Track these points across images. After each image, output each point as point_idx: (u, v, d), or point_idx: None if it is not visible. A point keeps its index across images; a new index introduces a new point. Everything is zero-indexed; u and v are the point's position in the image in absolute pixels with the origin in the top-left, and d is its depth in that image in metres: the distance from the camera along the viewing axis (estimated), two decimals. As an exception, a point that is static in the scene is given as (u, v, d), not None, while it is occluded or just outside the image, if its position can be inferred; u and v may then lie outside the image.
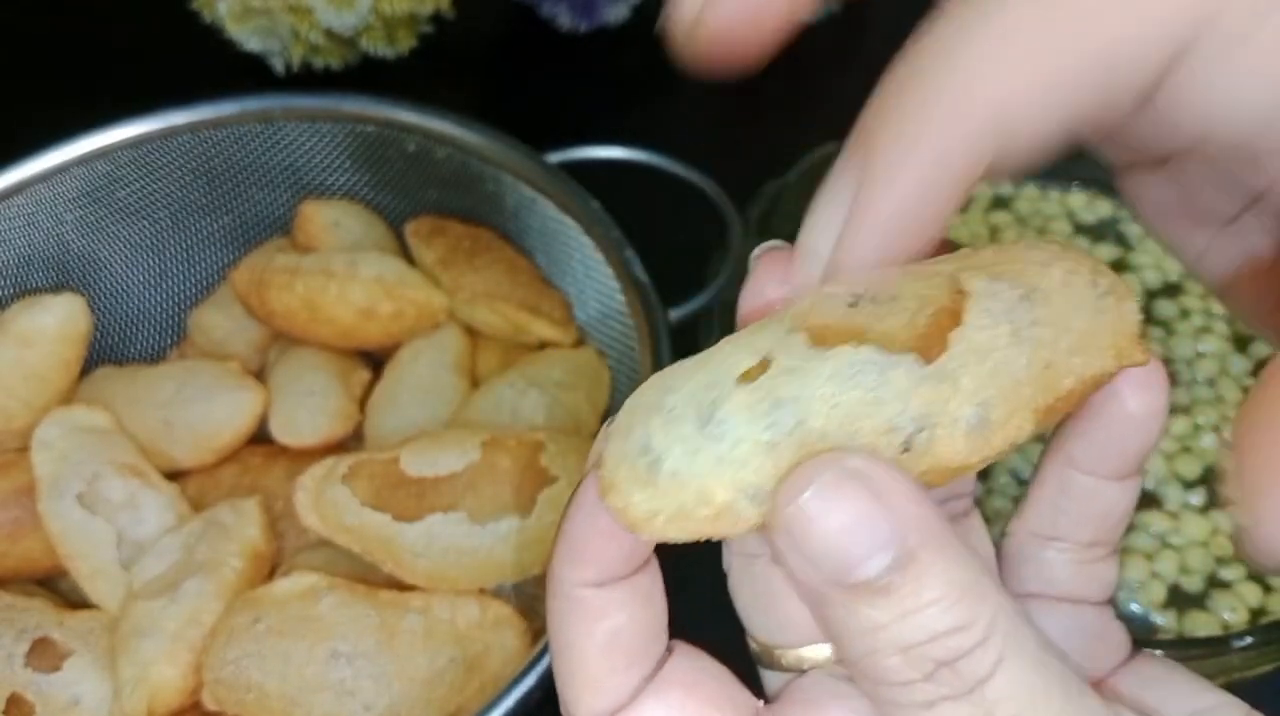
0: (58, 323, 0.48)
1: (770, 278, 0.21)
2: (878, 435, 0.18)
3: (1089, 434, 0.22)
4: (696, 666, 0.22)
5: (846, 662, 0.19)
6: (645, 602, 0.21)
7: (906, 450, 0.18)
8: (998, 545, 0.25)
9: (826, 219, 0.18)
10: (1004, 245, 0.20)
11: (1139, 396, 0.21)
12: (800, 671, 0.22)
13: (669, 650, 0.22)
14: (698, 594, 0.24)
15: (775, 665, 0.23)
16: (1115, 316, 0.19)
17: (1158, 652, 0.37)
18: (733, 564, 0.23)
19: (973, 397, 0.18)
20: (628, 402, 0.20)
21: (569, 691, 0.21)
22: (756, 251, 0.22)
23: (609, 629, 0.20)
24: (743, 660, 0.23)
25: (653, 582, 0.21)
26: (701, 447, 0.18)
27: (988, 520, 0.47)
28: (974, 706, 0.17)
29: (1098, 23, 0.16)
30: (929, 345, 0.18)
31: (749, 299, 0.22)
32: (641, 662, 0.21)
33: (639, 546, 0.20)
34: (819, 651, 0.22)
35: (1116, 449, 0.22)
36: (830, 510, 0.17)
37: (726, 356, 0.19)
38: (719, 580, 0.24)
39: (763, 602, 0.23)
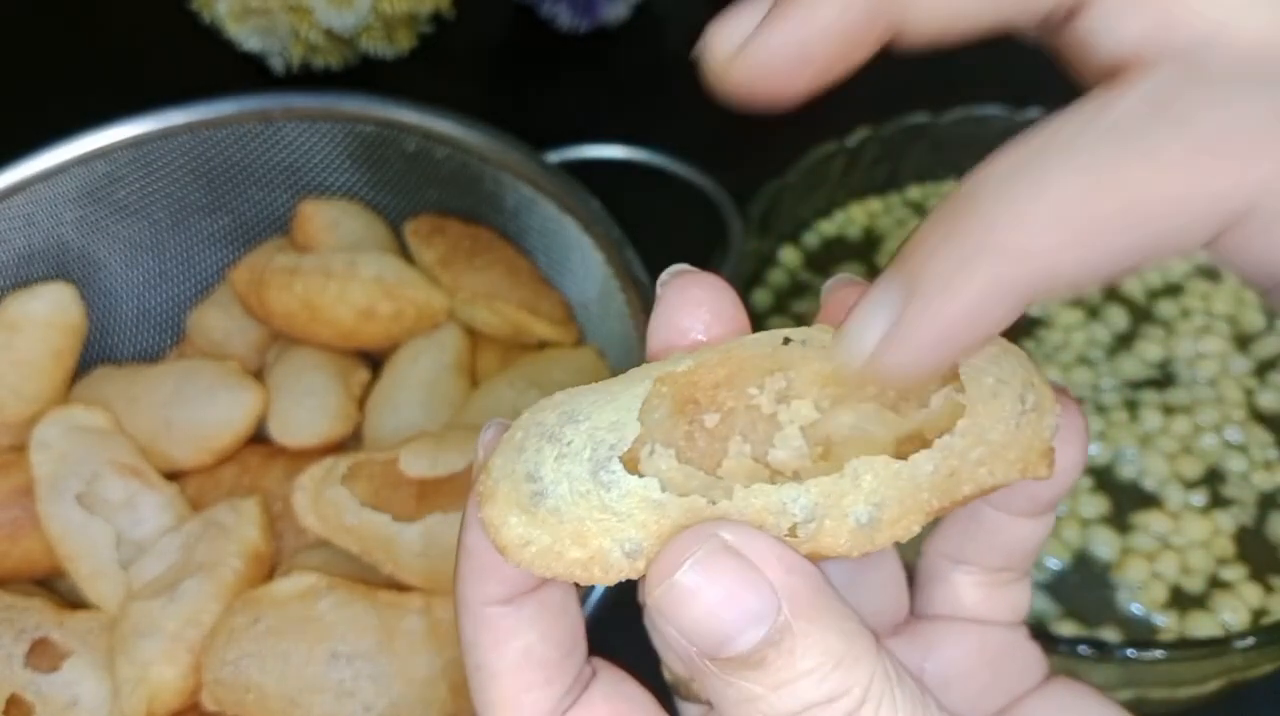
0: (47, 309, 0.48)
1: (681, 304, 0.20)
2: (768, 513, 0.18)
3: None
4: (620, 690, 0.21)
5: None
6: (557, 616, 0.20)
7: (791, 534, 0.18)
8: (911, 566, 0.25)
9: (873, 319, 0.18)
10: None
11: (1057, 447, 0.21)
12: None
13: (592, 670, 0.21)
14: (615, 623, 0.24)
15: (691, 697, 0.23)
16: (1032, 432, 0.19)
17: (1158, 653, 0.37)
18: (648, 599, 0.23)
19: (870, 497, 0.18)
20: (526, 415, 0.19)
21: (486, 713, 0.21)
22: (664, 276, 0.21)
23: (520, 648, 0.20)
24: (657, 685, 0.23)
25: (564, 595, 0.21)
26: (589, 492, 0.18)
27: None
28: None
29: (1145, 195, 0.16)
30: None
31: (657, 332, 0.21)
32: (559, 678, 0.21)
33: None
34: None
35: (1027, 492, 0.22)
36: (703, 587, 0.17)
37: (636, 396, 0.19)
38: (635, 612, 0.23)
39: None
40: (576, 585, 0.19)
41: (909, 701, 0.18)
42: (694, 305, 0.20)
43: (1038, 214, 0.16)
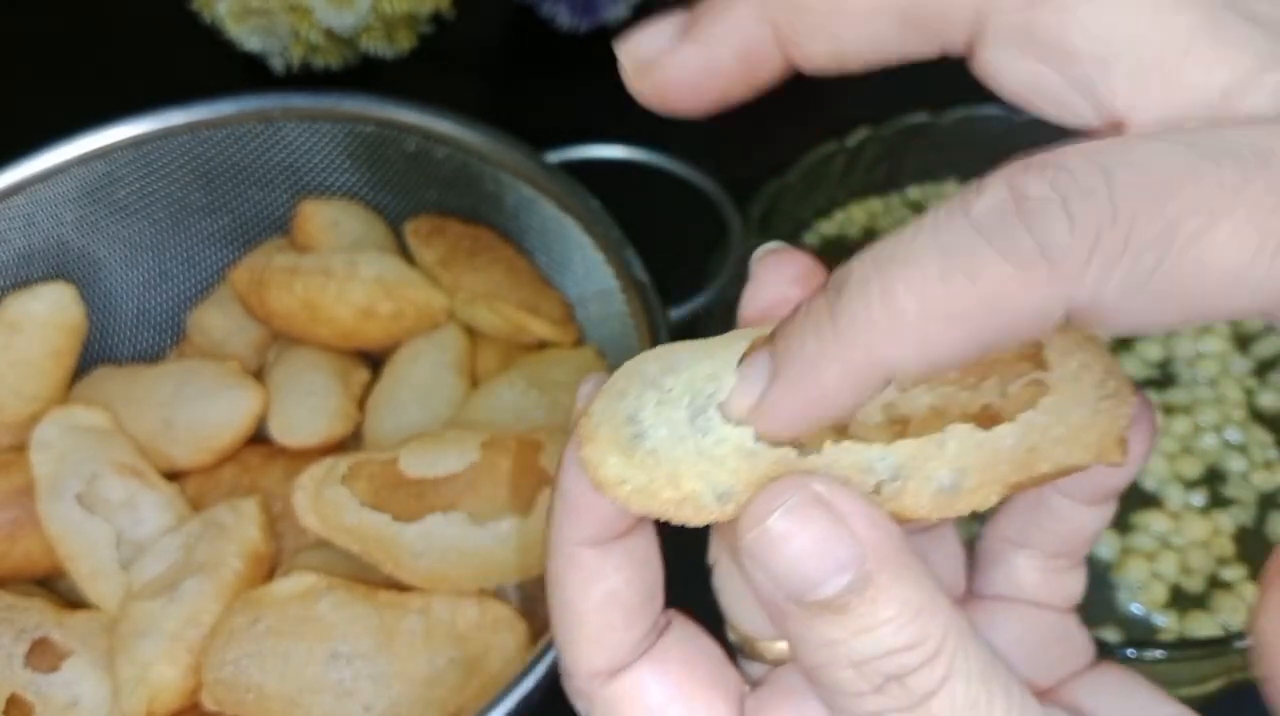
0: (47, 309, 0.48)
1: (772, 280, 0.22)
2: (855, 470, 0.19)
3: None
4: (694, 642, 0.23)
5: (804, 670, 0.20)
6: (641, 565, 0.22)
7: (875, 492, 0.19)
8: (969, 543, 0.26)
9: (748, 385, 0.19)
10: None
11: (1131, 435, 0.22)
12: (780, 662, 0.23)
13: (668, 620, 0.23)
14: (680, 582, 0.25)
15: (756, 656, 0.24)
16: (1109, 418, 0.20)
17: (1158, 653, 0.37)
18: (719, 558, 0.24)
19: (953, 463, 0.19)
20: (627, 366, 0.20)
21: (569, 649, 0.22)
22: (758, 253, 0.23)
23: (606, 589, 0.21)
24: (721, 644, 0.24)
25: (648, 545, 0.22)
26: (686, 437, 0.19)
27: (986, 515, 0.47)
28: None
29: (995, 300, 0.17)
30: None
31: (751, 302, 0.23)
32: (639, 622, 0.22)
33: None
34: None
35: (1097, 479, 0.23)
36: (793, 533, 0.18)
37: (734, 352, 0.20)
38: (703, 572, 0.25)
39: (748, 598, 0.24)
40: (662, 535, 0.21)
41: (982, 657, 0.19)
42: (789, 279, 0.22)
43: (886, 313, 0.17)
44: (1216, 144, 0.17)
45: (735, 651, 0.24)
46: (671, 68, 0.21)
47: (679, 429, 0.19)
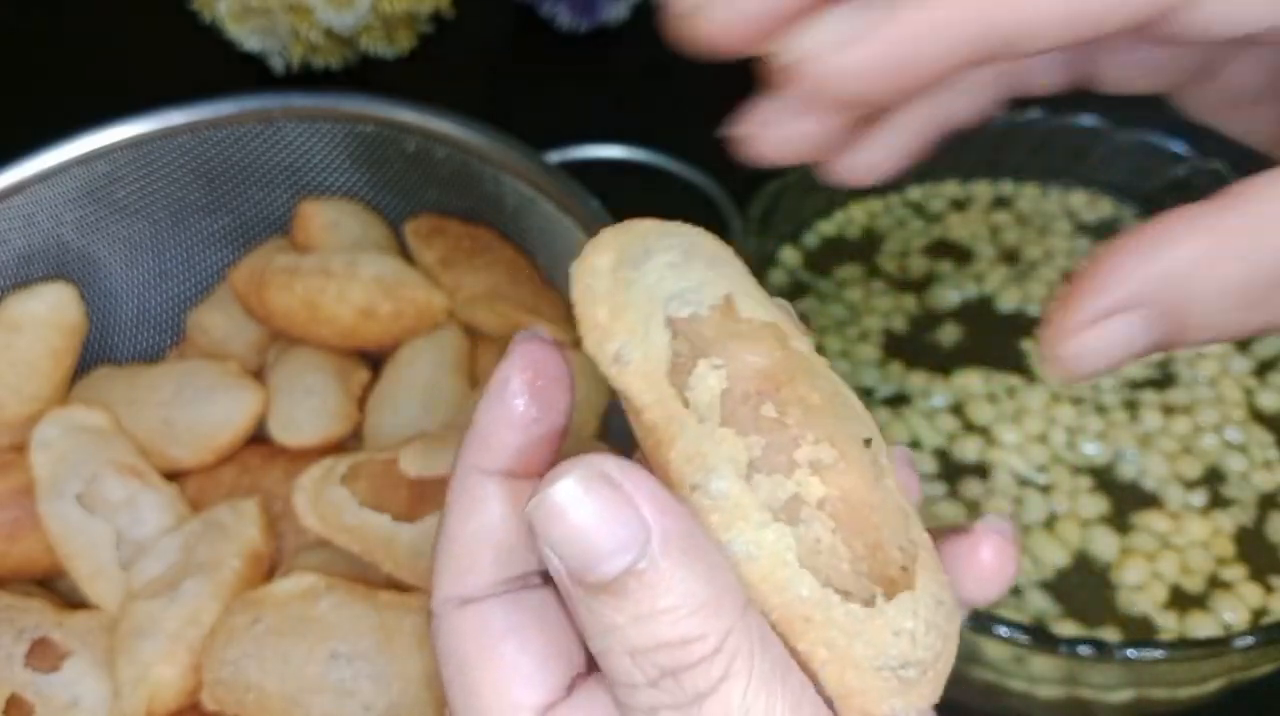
0: (47, 309, 0.48)
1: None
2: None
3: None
4: (556, 609, 0.22)
5: (593, 653, 0.19)
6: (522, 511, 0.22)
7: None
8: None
9: (839, 23, 0.20)
10: None
11: (994, 548, 0.22)
12: None
13: (542, 582, 0.22)
14: None
15: None
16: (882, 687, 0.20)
17: (1158, 653, 0.37)
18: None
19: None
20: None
21: (435, 567, 0.22)
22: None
23: (483, 522, 0.22)
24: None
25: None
26: (657, 298, 0.21)
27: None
28: None
29: None
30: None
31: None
32: (507, 566, 0.22)
33: (536, 442, 0.22)
34: None
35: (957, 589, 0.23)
36: (575, 506, 0.18)
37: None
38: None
39: None
40: None
41: (771, 663, 0.18)
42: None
43: None
44: None
45: None
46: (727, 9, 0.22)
47: (661, 287, 0.20)
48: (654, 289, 0.21)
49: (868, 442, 0.20)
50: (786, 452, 0.19)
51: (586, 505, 0.18)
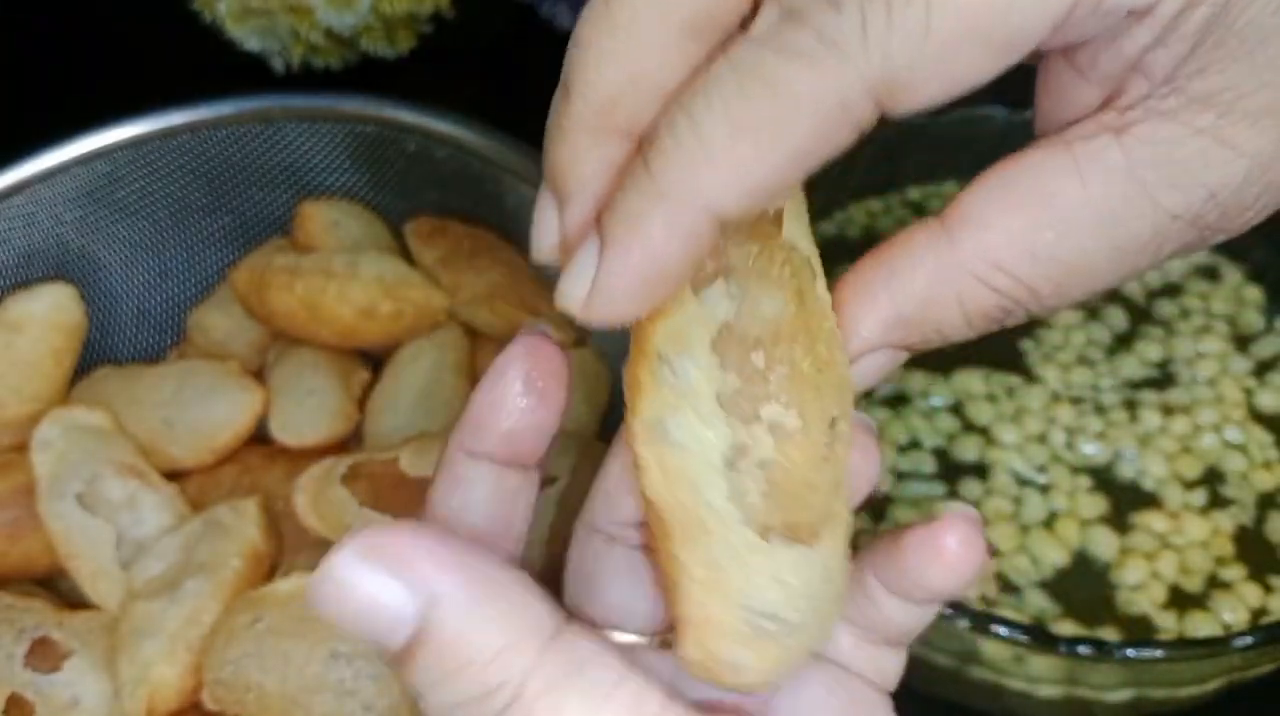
0: (47, 309, 0.48)
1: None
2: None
3: (895, 558, 0.23)
4: (535, 589, 0.22)
5: None
6: (503, 494, 0.22)
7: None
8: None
9: (579, 272, 0.19)
10: None
11: (959, 537, 0.22)
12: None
13: (511, 560, 0.22)
14: None
15: None
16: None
17: (1158, 653, 0.37)
18: (578, 531, 0.24)
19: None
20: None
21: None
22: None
23: (464, 499, 0.22)
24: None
25: (521, 483, 0.23)
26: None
27: (988, 522, 0.47)
28: None
29: (796, 101, 0.17)
30: None
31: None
32: (482, 551, 0.21)
33: (526, 431, 0.22)
34: (624, 638, 0.23)
35: (915, 578, 0.22)
36: (355, 584, 0.18)
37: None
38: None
39: (589, 578, 0.24)
40: None
41: (591, 689, 0.18)
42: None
43: (698, 144, 0.17)
44: None
45: None
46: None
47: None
48: None
49: (833, 423, 0.20)
50: (754, 405, 0.20)
51: (362, 583, 0.18)
